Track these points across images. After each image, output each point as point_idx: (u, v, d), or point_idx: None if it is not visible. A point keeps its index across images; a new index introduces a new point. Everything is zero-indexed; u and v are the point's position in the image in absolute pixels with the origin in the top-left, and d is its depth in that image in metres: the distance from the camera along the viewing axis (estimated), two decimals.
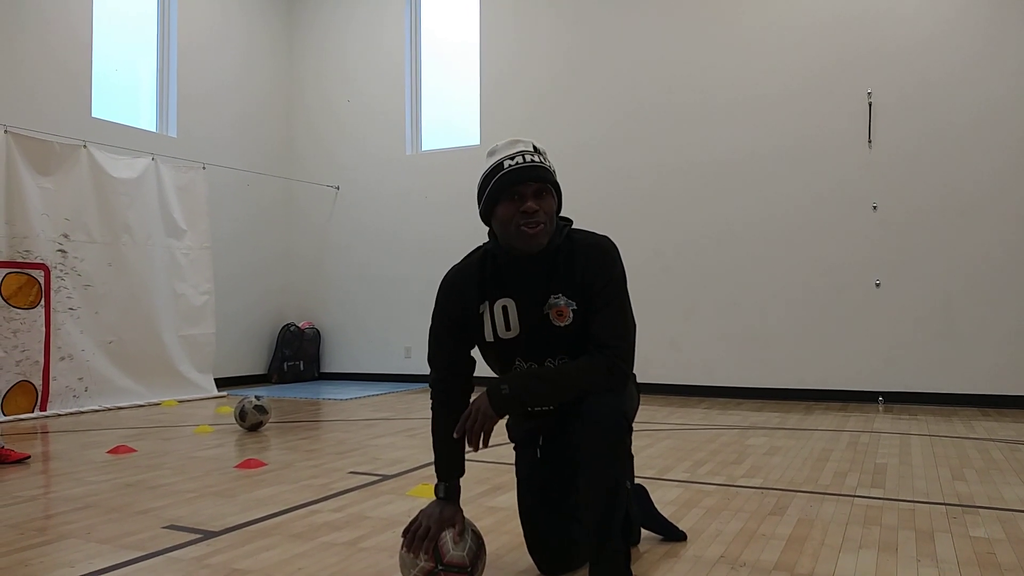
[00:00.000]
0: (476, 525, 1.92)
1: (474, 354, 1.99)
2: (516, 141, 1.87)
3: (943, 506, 2.74)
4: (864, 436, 4.30)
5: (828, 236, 6.05)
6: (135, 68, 7.13)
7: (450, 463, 1.92)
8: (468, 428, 1.79)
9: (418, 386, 7.38)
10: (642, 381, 2.10)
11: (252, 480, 3.28)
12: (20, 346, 5.42)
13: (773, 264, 6.22)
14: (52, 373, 5.58)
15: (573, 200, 2.10)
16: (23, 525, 2.59)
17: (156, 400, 6.22)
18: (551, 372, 1.86)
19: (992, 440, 4.15)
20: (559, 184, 1.91)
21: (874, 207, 5.91)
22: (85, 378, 5.81)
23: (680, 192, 6.56)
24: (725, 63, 6.43)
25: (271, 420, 4.96)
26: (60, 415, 5.52)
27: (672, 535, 2.34)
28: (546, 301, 1.87)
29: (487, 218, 1.90)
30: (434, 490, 1.92)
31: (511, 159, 1.83)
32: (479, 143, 7.42)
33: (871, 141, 5.93)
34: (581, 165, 6.71)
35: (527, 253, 1.84)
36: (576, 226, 1.96)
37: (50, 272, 5.64)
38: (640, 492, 2.35)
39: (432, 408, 1.97)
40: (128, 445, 4.13)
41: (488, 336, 1.93)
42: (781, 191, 6.21)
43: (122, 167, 6.27)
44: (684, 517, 2.59)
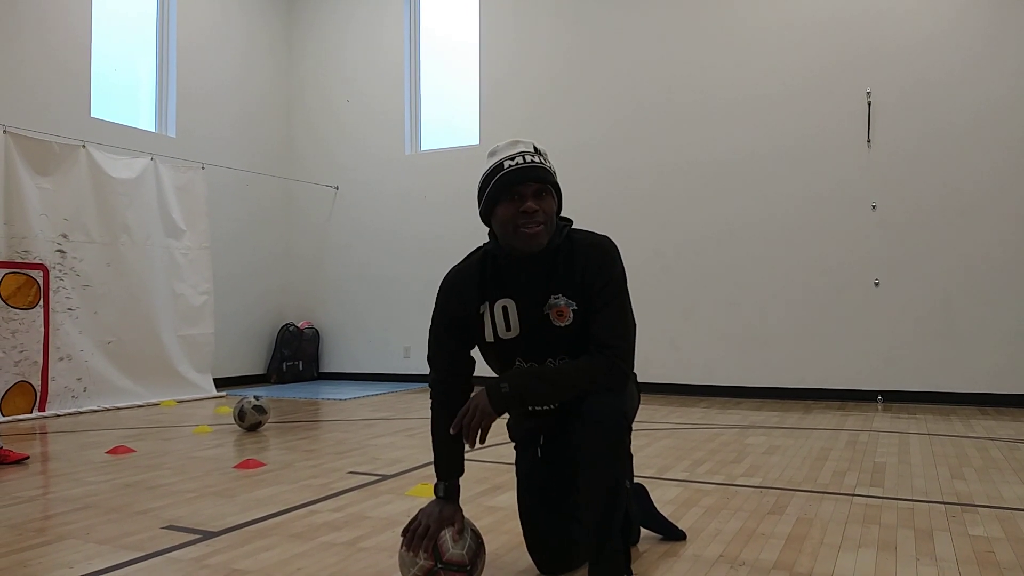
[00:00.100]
0: (475, 524, 1.92)
1: (474, 354, 1.99)
2: (516, 142, 1.88)
3: (942, 505, 2.74)
4: (863, 435, 4.31)
5: (827, 236, 6.05)
6: (134, 68, 7.13)
7: (449, 462, 1.92)
8: (465, 424, 1.79)
9: (417, 386, 7.38)
10: (642, 381, 2.10)
11: (251, 480, 3.28)
12: (19, 346, 5.41)
13: (772, 264, 6.22)
14: (51, 373, 5.58)
15: (573, 200, 2.10)
16: (22, 526, 2.59)
17: (155, 400, 6.21)
18: (551, 371, 1.86)
19: (991, 439, 4.15)
20: (559, 185, 1.92)
21: (873, 207, 5.92)
22: (84, 378, 5.80)
23: (680, 192, 6.56)
24: (725, 63, 6.43)
25: (270, 420, 4.95)
26: (59, 415, 5.51)
27: (671, 534, 2.34)
28: (546, 301, 1.87)
29: (487, 218, 1.90)
30: (434, 489, 1.92)
31: (511, 159, 1.83)
32: (478, 143, 7.42)
33: (870, 141, 5.94)
34: (581, 165, 6.71)
35: (527, 253, 1.84)
36: (576, 226, 1.96)
37: (49, 272, 5.64)
38: (640, 491, 2.35)
39: (432, 408, 1.97)
40: (127, 445, 4.13)
41: (488, 336, 1.93)
42: (780, 191, 6.21)
43: (121, 167, 6.27)
44: (683, 516, 2.59)
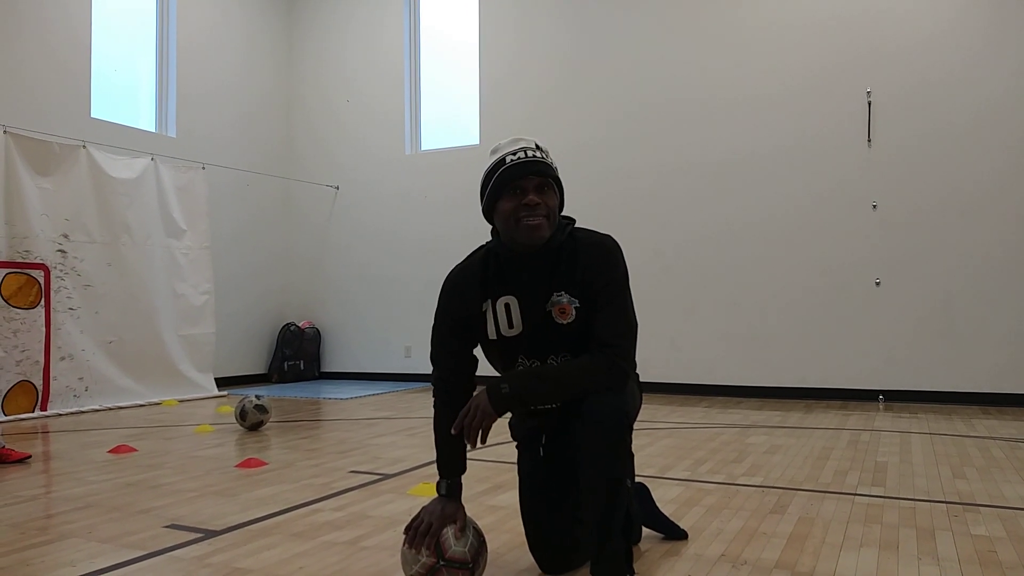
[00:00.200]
0: (478, 523, 1.92)
1: (476, 353, 1.99)
2: (518, 139, 1.88)
3: (944, 504, 2.74)
4: (865, 434, 4.31)
5: (828, 235, 6.05)
6: (134, 68, 7.13)
7: (452, 461, 1.92)
8: (466, 425, 1.79)
9: (418, 385, 7.38)
10: (642, 380, 2.10)
11: (253, 479, 3.28)
12: (20, 346, 5.42)
13: (773, 263, 6.22)
14: (52, 373, 5.58)
15: (573, 199, 2.10)
16: (24, 525, 2.59)
17: (156, 400, 6.22)
18: (551, 371, 1.86)
19: (993, 438, 4.15)
20: (561, 181, 1.92)
21: (874, 206, 5.91)
22: (85, 378, 5.81)
23: (681, 191, 6.56)
24: (725, 63, 6.43)
25: (271, 419, 4.95)
26: (61, 415, 5.52)
27: (673, 534, 2.34)
28: (548, 299, 1.87)
29: (489, 214, 1.90)
30: (436, 487, 1.92)
31: (513, 155, 1.84)
32: (479, 143, 7.42)
33: (871, 140, 5.94)
34: (581, 164, 6.71)
35: (529, 248, 1.84)
36: (578, 225, 1.96)
37: (50, 272, 5.64)
38: (641, 491, 2.35)
39: (434, 406, 1.97)
40: (129, 445, 4.13)
41: (491, 334, 1.93)
42: (781, 190, 6.21)
43: (121, 167, 6.27)
44: (685, 516, 2.59)
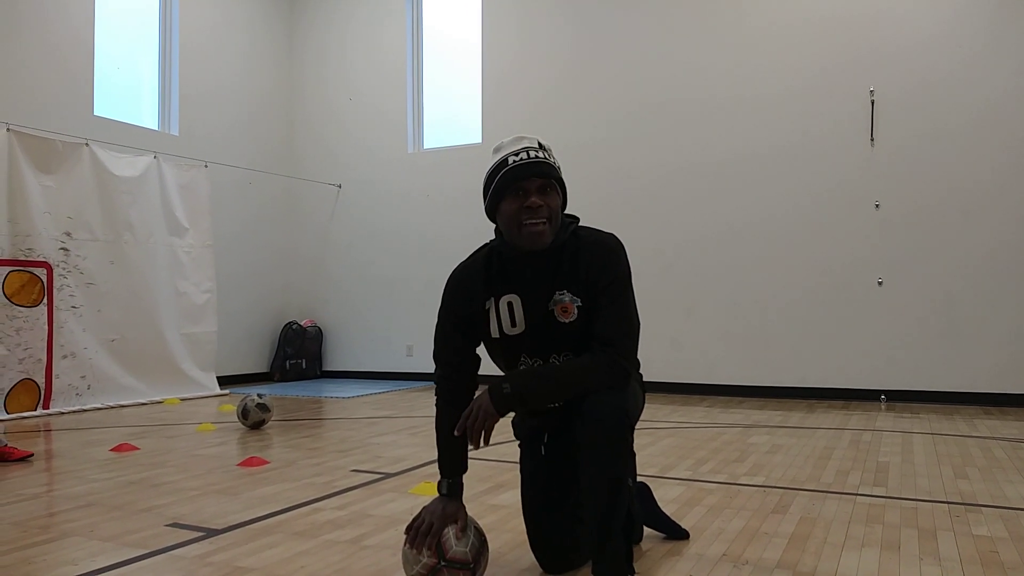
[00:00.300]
0: (479, 522, 1.92)
1: (479, 351, 1.99)
2: (521, 138, 1.88)
3: (946, 504, 2.74)
4: (866, 434, 4.30)
5: (830, 235, 6.05)
6: (137, 66, 7.13)
7: (453, 460, 1.92)
8: (469, 426, 1.79)
9: (420, 384, 7.38)
10: (643, 380, 2.10)
11: (254, 478, 3.28)
12: (23, 344, 5.42)
13: (774, 263, 6.22)
14: (55, 371, 5.59)
15: (574, 199, 2.10)
16: (26, 523, 2.60)
17: (158, 398, 6.23)
18: (552, 370, 1.86)
19: (994, 438, 4.14)
20: (564, 181, 1.92)
21: (876, 206, 5.91)
22: (88, 376, 5.81)
23: (682, 191, 6.55)
24: (727, 62, 6.42)
25: (273, 418, 4.96)
26: (63, 413, 5.52)
27: (674, 533, 2.34)
28: (551, 297, 1.87)
29: (492, 214, 1.90)
30: (437, 487, 1.92)
31: (516, 155, 1.83)
32: (481, 141, 7.42)
33: (873, 140, 5.93)
34: (583, 163, 6.70)
35: (532, 249, 1.84)
36: (581, 224, 1.96)
37: (52, 270, 5.65)
38: (643, 490, 2.35)
39: (436, 405, 1.97)
40: (131, 443, 4.14)
41: (494, 332, 1.93)
42: (783, 190, 6.20)
43: (124, 165, 6.27)
44: (686, 515, 2.59)
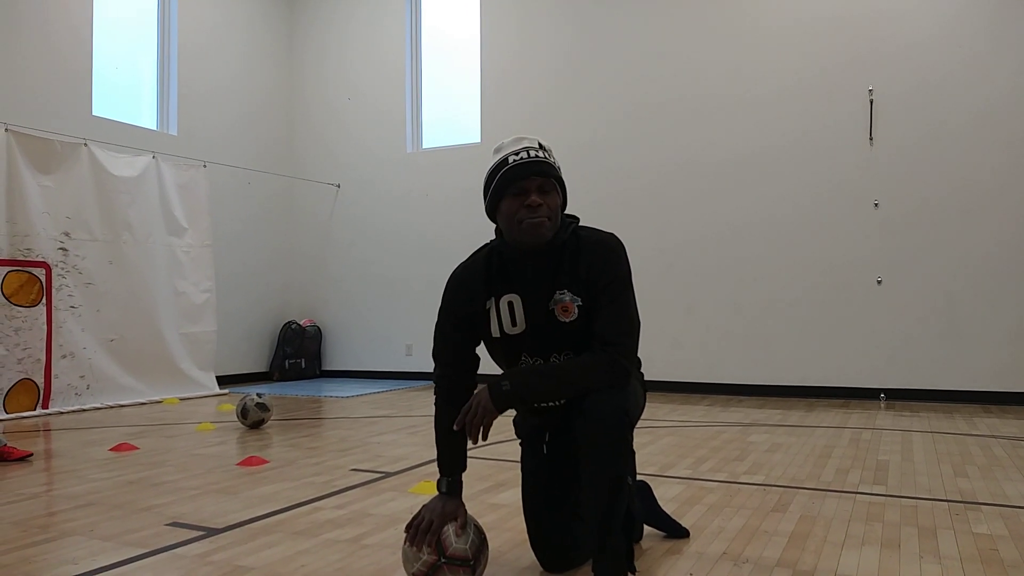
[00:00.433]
0: (478, 520, 1.92)
1: (479, 351, 1.99)
2: (521, 138, 1.89)
3: (945, 503, 2.74)
4: (866, 433, 4.30)
5: (830, 234, 6.05)
6: (136, 66, 7.13)
7: (452, 458, 1.92)
8: (468, 422, 1.80)
9: (420, 383, 7.38)
10: (644, 379, 2.10)
11: (254, 477, 3.28)
12: (22, 344, 5.42)
13: (775, 262, 6.22)
14: (54, 371, 5.58)
15: (574, 198, 2.10)
16: (26, 523, 2.60)
17: (158, 398, 6.22)
18: (552, 369, 1.86)
19: (994, 437, 4.15)
20: (564, 181, 1.92)
21: (875, 205, 5.91)
22: (87, 376, 5.81)
23: (682, 190, 6.55)
24: (727, 61, 6.42)
25: (273, 418, 4.96)
26: (62, 413, 5.52)
27: (675, 532, 2.34)
28: (551, 297, 1.87)
29: (492, 214, 1.91)
30: (436, 485, 1.92)
31: (516, 155, 1.84)
32: (480, 141, 7.42)
33: (872, 139, 5.93)
34: (583, 163, 6.70)
35: (532, 248, 1.85)
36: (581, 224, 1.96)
37: (51, 270, 5.65)
38: (643, 489, 2.35)
39: (435, 403, 1.97)
40: (130, 443, 4.13)
41: (494, 332, 1.93)
42: (782, 189, 6.21)
43: (123, 165, 6.27)
44: (686, 514, 2.59)
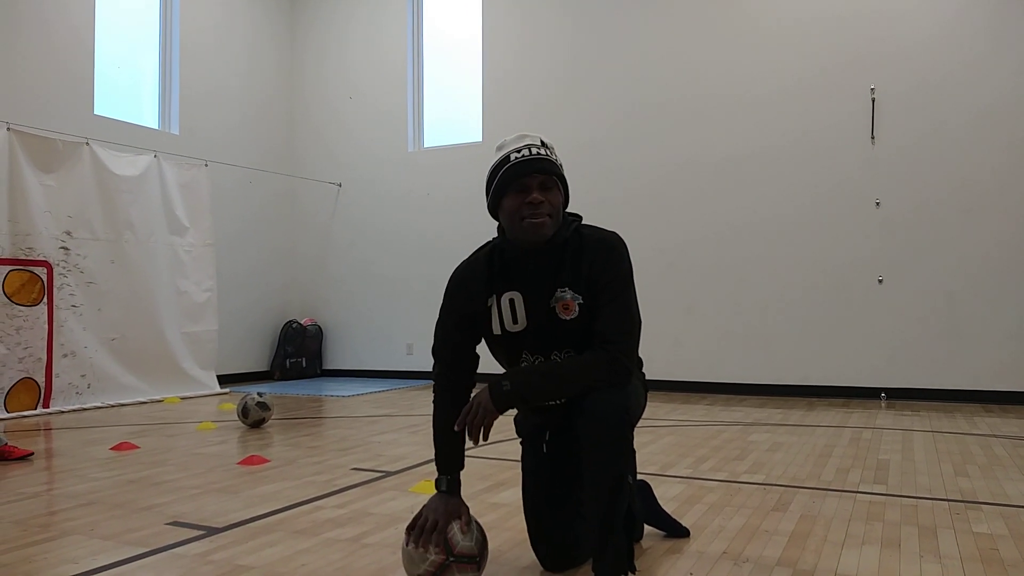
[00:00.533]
0: (477, 518, 1.92)
1: (480, 349, 1.99)
2: (524, 136, 1.89)
3: (946, 502, 2.74)
4: (867, 432, 4.30)
5: (831, 233, 6.04)
6: (137, 65, 7.13)
7: (451, 457, 1.92)
8: (468, 422, 1.80)
9: (420, 383, 7.38)
10: (645, 378, 2.10)
11: (255, 476, 3.28)
12: (23, 343, 5.43)
13: (775, 261, 6.21)
14: (55, 370, 5.59)
15: (575, 197, 2.10)
16: (27, 522, 2.60)
17: (159, 397, 6.23)
18: (553, 368, 1.86)
19: (995, 436, 4.14)
20: (566, 178, 1.92)
21: (877, 204, 5.90)
22: (88, 375, 5.82)
23: (683, 189, 6.55)
24: (728, 60, 6.42)
25: (274, 417, 4.96)
26: (63, 412, 5.53)
27: (675, 531, 2.34)
28: (553, 295, 1.87)
29: (494, 211, 1.91)
30: (435, 484, 1.92)
31: (518, 152, 1.84)
32: (481, 140, 7.42)
33: (874, 138, 5.92)
34: (584, 162, 6.70)
35: (533, 245, 1.85)
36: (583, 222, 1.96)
37: (53, 269, 5.65)
38: (644, 488, 2.35)
39: (434, 402, 1.97)
40: (131, 442, 4.14)
41: (495, 329, 1.93)
42: (784, 188, 6.20)
43: (125, 164, 6.27)
44: (687, 513, 2.59)
